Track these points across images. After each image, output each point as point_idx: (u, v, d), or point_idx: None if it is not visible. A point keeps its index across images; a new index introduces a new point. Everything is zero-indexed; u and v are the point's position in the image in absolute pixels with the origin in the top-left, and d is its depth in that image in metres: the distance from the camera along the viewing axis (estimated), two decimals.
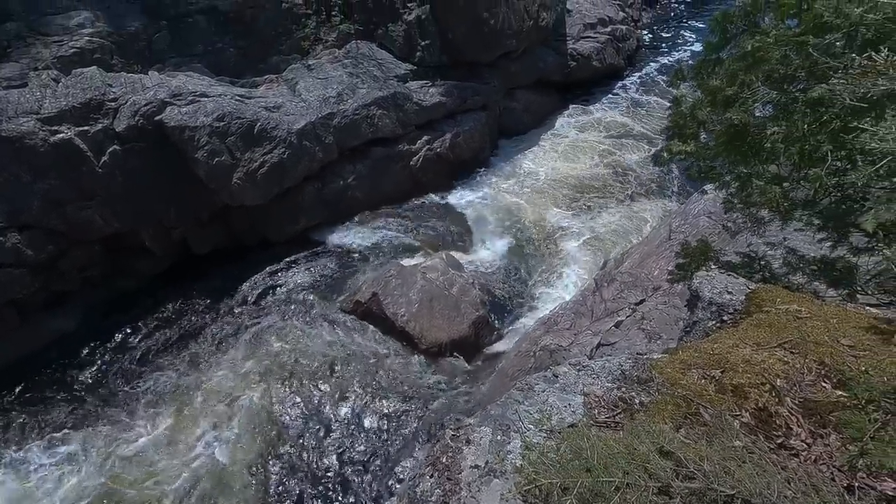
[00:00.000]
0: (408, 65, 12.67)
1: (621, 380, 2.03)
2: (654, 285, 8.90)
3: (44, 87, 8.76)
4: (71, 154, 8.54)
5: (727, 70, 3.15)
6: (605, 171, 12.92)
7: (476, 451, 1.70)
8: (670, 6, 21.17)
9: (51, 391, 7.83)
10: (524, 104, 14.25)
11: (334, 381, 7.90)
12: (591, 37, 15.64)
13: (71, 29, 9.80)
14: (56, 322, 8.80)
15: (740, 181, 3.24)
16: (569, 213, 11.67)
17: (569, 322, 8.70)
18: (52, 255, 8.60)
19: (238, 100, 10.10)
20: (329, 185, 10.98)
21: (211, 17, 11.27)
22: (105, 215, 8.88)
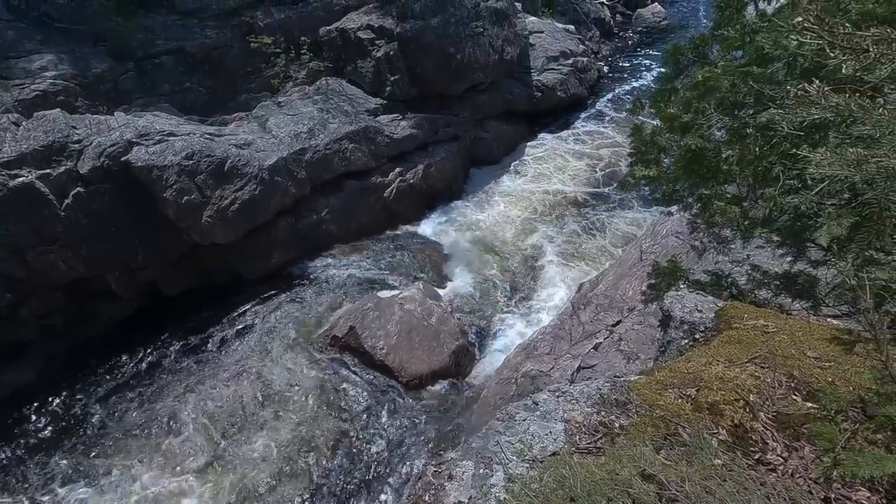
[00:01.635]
0: (378, 99, 12.89)
1: (601, 404, 2.04)
2: (629, 306, 9.05)
3: (3, 130, 8.54)
4: (32, 198, 8.28)
5: (682, 98, 3.33)
6: (576, 195, 13.26)
7: (459, 486, 1.66)
8: (627, 38, 22.32)
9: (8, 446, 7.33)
10: (494, 134, 14.61)
11: (311, 418, 7.66)
12: (554, 69, 16.29)
13: (33, 72, 9.65)
14: (13, 374, 8.33)
15: (702, 202, 3.38)
16: (542, 237, 11.86)
17: (548, 346, 8.72)
18: (10, 302, 8.22)
19: (207, 138, 10.05)
20: (303, 219, 10.91)
21: (178, 57, 11.30)
22: (68, 259, 8.57)
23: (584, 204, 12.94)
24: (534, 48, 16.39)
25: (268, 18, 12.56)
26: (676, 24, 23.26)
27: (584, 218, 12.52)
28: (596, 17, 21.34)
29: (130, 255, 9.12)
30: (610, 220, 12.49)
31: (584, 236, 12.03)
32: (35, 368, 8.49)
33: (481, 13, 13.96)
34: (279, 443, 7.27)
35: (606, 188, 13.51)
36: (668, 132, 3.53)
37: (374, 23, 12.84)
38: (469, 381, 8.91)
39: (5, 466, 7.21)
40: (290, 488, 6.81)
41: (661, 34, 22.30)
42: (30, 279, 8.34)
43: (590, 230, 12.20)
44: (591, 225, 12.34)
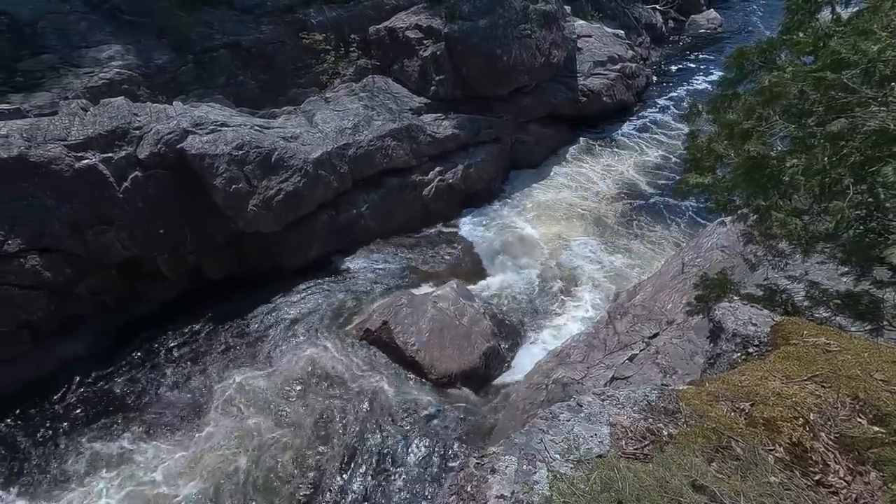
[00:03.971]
0: (422, 98, 13.00)
1: (648, 410, 1.99)
2: (667, 319, 8.78)
3: (72, 115, 9.08)
4: (94, 180, 8.77)
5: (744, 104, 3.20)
6: (616, 203, 12.98)
7: (501, 480, 1.66)
8: (678, 45, 21.70)
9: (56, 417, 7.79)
10: (536, 137, 14.48)
11: (340, 407, 7.79)
12: (601, 74, 16.00)
13: (101, 61, 10.23)
14: (68, 346, 8.82)
15: (759, 213, 3.24)
16: (580, 244, 11.66)
17: (581, 355, 8.57)
18: (70, 278, 8.71)
19: (257, 130, 10.39)
20: (343, 213, 11.11)
21: (234, 51, 11.73)
22: (123, 240, 9.02)
23: (625, 212, 12.65)
24: (581, 52, 16.15)
25: (320, 16, 12.88)
26: (732, 31, 22.45)
27: (623, 226, 12.24)
28: (647, 23, 20.85)
29: (180, 239, 9.52)
30: (651, 230, 12.17)
31: (623, 245, 11.76)
32: (86, 342, 8.97)
33: (530, 16, 13.88)
34: (306, 428, 7.43)
35: (649, 197, 13.17)
36: (727, 139, 3.41)
37: (422, 23, 12.96)
38: (497, 384, 8.87)
39: (51, 431, 7.66)
40: (314, 473, 6.95)
41: (715, 41, 21.56)
42: (88, 257, 8.83)
43: (629, 239, 11.92)
44: (631, 234, 12.06)
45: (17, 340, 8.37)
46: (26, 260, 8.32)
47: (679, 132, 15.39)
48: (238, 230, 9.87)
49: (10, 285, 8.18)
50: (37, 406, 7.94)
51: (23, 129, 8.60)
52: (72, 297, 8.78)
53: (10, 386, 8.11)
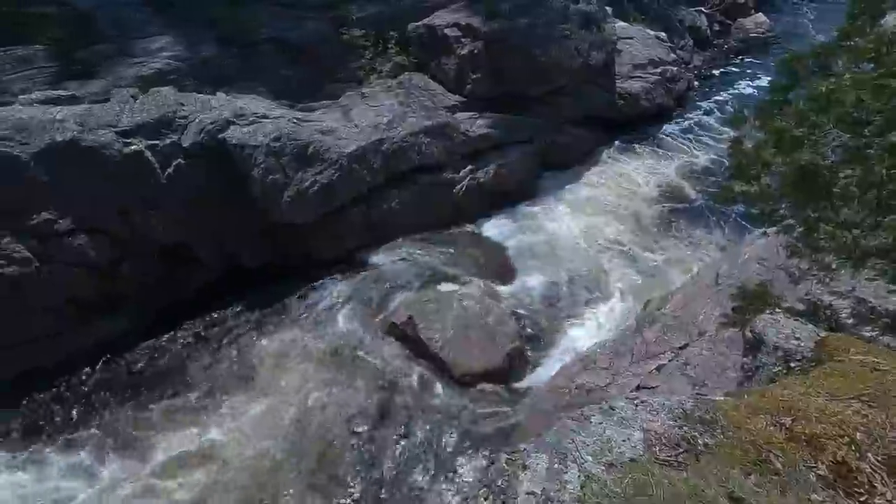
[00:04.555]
0: (458, 96, 13.02)
1: (682, 418, 1.96)
2: (699, 330, 8.56)
3: (123, 102, 9.49)
4: (140, 165, 9.13)
5: (796, 111, 3.09)
6: (650, 208, 12.71)
7: (532, 477, 1.67)
8: (723, 49, 21.04)
9: (97, 390, 8.18)
10: (570, 139, 14.30)
11: (363, 396, 7.91)
12: (640, 77, 15.69)
13: (152, 52, 10.65)
14: (110, 324, 9.21)
15: (807, 225, 3.13)
16: (611, 248, 11.48)
17: (607, 361, 8.44)
18: (114, 259, 9.10)
19: (295, 122, 10.62)
20: (374, 207, 11.25)
21: (277, 45, 12.02)
22: (165, 225, 9.37)
23: (660, 218, 12.37)
24: (621, 54, 15.86)
25: (361, 13, 13.05)
26: (781, 35, 21.62)
27: (656, 233, 11.98)
28: (691, 26, 20.30)
29: (218, 226, 9.82)
30: (684, 238, 11.87)
31: (655, 252, 11.51)
32: (127, 320, 9.35)
33: (570, 16, 13.72)
34: (328, 415, 7.58)
35: (686, 203, 12.84)
36: (775, 146, 3.31)
37: (461, 21, 12.97)
38: (520, 386, 8.82)
39: (89, 402, 8.04)
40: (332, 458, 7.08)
41: (763, 46, 20.82)
42: (132, 240, 9.21)
43: (662, 246, 11.66)
44: (664, 241, 11.79)
45: (63, 316, 8.80)
46: (75, 239, 8.74)
47: (720, 138, 14.96)
48: (273, 220, 10.11)
49: (60, 263, 8.60)
50: (80, 377, 8.36)
51: (77, 115, 9.04)
52: (115, 276, 9.16)
53: (56, 358, 8.55)
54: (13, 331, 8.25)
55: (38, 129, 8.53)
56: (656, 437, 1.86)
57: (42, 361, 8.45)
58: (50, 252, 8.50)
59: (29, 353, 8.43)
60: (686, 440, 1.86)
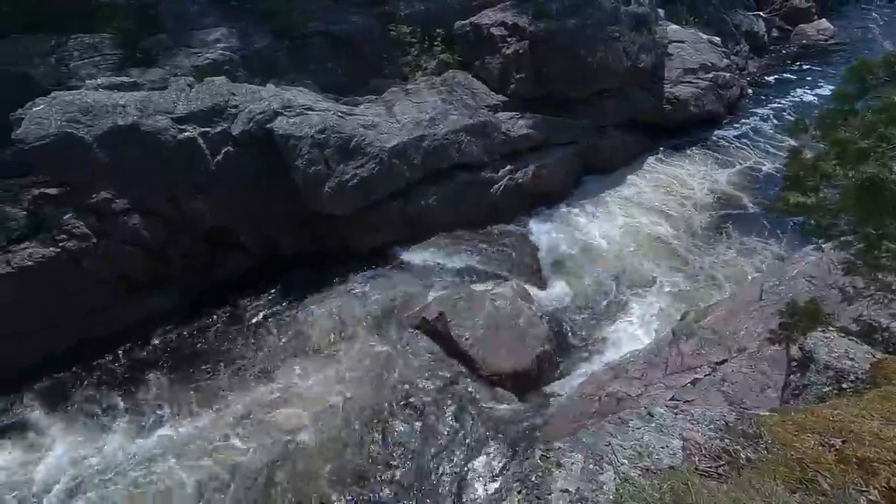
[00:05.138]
0: (500, 96, 12.97)
1: (724, 430, 1.91)
2: (738, 346, 8.26)
3: (179, 90, 9.93)
4: (192, 151, 9.54)
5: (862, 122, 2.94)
6: (693, 218, 12.31)
7: (567, 475, 1.67)
8: (781, 56, 20.11)
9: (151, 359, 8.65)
10: (613, 143, 14.02)
11: (390, 388, 8.02)
12: (690, 81, 15.20)
13: (208, 43, 11.10)
14: (156, 300, 9.69)
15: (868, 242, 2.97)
16: (649, 257, 11.19)
17: (640, 371, 8.26)
18: (163, 239, 9.55)
19: (339, 115, 10.84)
20: (411, 203, 11.36)
21: (326, 39, 12.30)
22: (212, 209, 9.75)
23: (701, 229, 11.97)
24: (671, 58, 15.41)
25: (409, 9, 13.19)
26: (846, 43, 20.47)
27: (697, 243, 11.59)
28: (747, 31, 19.50)
29: (261, 213, 10.16)
30: (727, 251, 11.45)
31: (696, 263, 11.15)
32: (172, 298, 9.81)
33: (620, 17, 13.43)
34: (353, 407, 7.72)
35: (731, 214, 12.37)
36: (837, 158, 3.15)
37: (508, 20, 12.91)
38: (547, 389, 8.73)
39: (132, 374, 8.48)
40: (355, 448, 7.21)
41: (825, 54, 19.77)
42: (181, 222, 9.64)
43: (702, 257, 11.28)
44: (705, 252, 11.40)
45: (115, 290, 9.31)
46: (129, 219, 9.22)
47: (774, 146, 14.35)
48: (313, 210, 10.36)
49: (114, 240, 9.10)
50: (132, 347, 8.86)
51: (137, 101, 9.52)
52: (164, 256, 9.62)
53: (107, 330, 9.05)
54: (71, 302, 8.80)
55: (102, 113, 9.04)
56: (696, 446, 1.82)
57: (95, 332, 8.97)
58: (106, 230, 9.00)
59: (83, 325, 8.96)
60: (727, 453, 1.81)
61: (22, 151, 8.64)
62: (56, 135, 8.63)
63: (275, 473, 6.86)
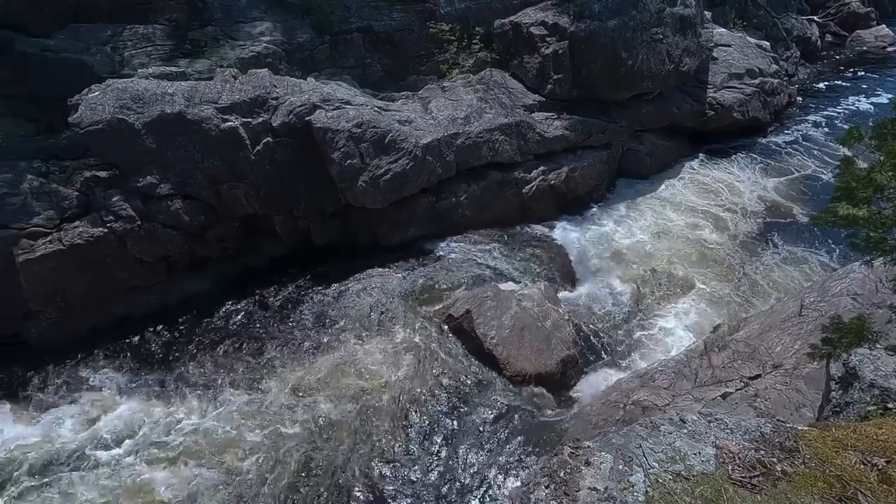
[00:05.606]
0: (536, 96, 12.88)
1: (760, 441, 1.87)
2: (773, 362, 8.02)
3: (224, 81, 10.25)
4: (233, 140, 9.84)
5: None
6: (730, 228, 11.96)
7: (595, 474, 1.67)
8: (834, 63, 19.26)
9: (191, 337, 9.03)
10: (650, 147, 13.74)
11: (414, 384, 8.10)
12: (735, 87, 14.73)
13: (253, 36, 11.41)
14: (193, 283, 10.06)
15: None
16: (681, 264, 10.93)
17: (668, 381, 8.10)
18: (202, 224, 9.89)
19: (376, 111, 10.98)
20: (442, 199, 11.42)
21: (366, 35, 12.46)
22: (249, 197, 10.05)
23: (744, 236, 11.61)
24: (716, 62, 14.98)
25: (449, 7, 13.22)
26: None
27: (733, 255, 11.26)
28: (799, 36, 18.75)
29: (295, 203, 10.40)
30: (765, 264, 11.07)
31: (731, 275, 10.83)
32: (209, 281, 10.18)
33: (664, 19, 13.13)
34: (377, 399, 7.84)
35: (772, 226, 11.96)
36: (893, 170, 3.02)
37: (549, 19, 12.80)
38: (571, 394, 8.67)
39: (178, 350, 8.84)
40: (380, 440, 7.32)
41: (883, 61, 18.84)
42: (220, 208, 9.97)
43: (738, 269, 10.95)
44: (741, 264, 11.06)
45: (156, 271, 9.71)
46: (171, 203, 9.59)
47: (826, 157, 13.77)
48: (346, 202, 10.55)
49: (157, 223, 9.48)
50: (171, 326, 9.24)
51: (185, 90, 9.88)
52: (202, 241, 9.97)
53: (146, 308, 9.46)
54: (115, 280, 9.23)
55: (151, 101, 9.43)
56: (730, 455, 1.79)
57: (135, 310, 9.39)
58: (151, 213, 9.39)
59: (126, 302, 9.40)
60: (762, 464, 1.78)
61: (77, 135, 9.10)
62: (109, 120, 9.05)
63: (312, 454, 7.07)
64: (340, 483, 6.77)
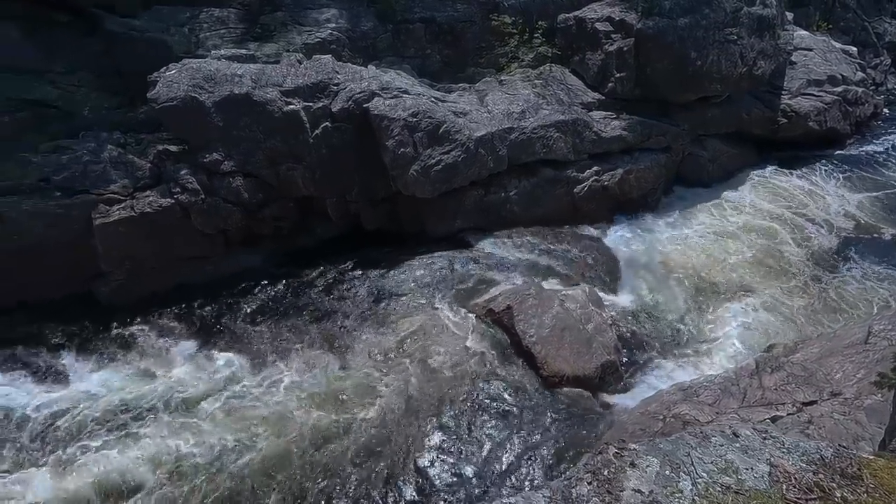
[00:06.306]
0: (596, 94, 12.56)
1: (819, 465, 1.79)
2: (832, 389, 7.56)
3: (290, 66, 10.60)
4: (294, 123, 10.18)
5: None
6: (794, 247, 11.28)
7: (640, 476, 1.65)
8: None
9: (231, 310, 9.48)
10: (713, 153, 13.13)
11: (450, 373, 8.19)
12: (813, 94, 13.80)
13: (320, 22, 11.73)
14: (247, 257, 10.53)
15: None
16: (737, 279, 10.44)
17: (713, 398, 7.80)
18: (260, 202, 10.32)
19: (432, 101, 11.06)
20: (491, 194, 11.38)
21: (428, 26, 12.53)
22: (305, 179, 10.39)
23: (812, 252, 10.93)
24: (794, 67, 14.09)
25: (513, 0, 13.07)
26: None
27: (797, 273, 10.62)
28: (893, 41, 17.27)
29: (348, 187, 10.67)
30: (831, 286, 10.39)
31: (792, 294, 10.24)
32: (261, 257, 10.63)
33: (740, 19, 12.45)
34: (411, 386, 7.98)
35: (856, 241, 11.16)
36: None
37: (615, 15, 12.42)
38: (608, 401, 8.49)
39: (222, 320, 9.31)
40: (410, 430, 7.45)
41: None
42: (277, 187, 10.37)
43: (801, 290, 10.33)
44: (804, 284, 10.42)
45: (214, 243, 10.23)
46: (233, 180, 10.05)
47: None
48: (396, 190, 10.71)
49: (219, 198, 9.98)
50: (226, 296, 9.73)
51: (253, 73, 10.29)
52: (258, 218, 10.40)
53: (203, 277, 10.01)
54: (177, 249, 9.81)
55: (222, 81, 9.89)
56: (785, 474, 1.72)
57: (193, 279, 9.94)
58: (214, 187, 9.89)
59: (184, 270, 9.97)
60: (820, 488, 1.70)
61: (153, 110, 9.69)
62: (182, 98, 9.58)
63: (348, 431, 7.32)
64: (388, 470, 6.93)
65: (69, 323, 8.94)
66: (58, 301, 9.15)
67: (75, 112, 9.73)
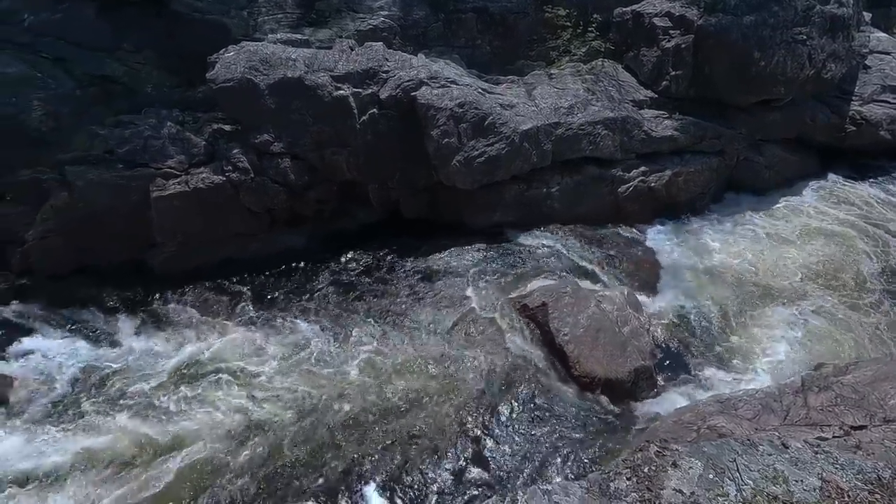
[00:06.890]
0: (649, 92, 12.16)
1: (876, 484, 1.70)
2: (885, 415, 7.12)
3: (342, 51, 10.77)
4: (343, 108, 10.36)
5: None
6: (854, 265, 10.60)
7: (682, 477, 1.62)
8: None
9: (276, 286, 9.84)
10: (770, 160, 12.49)
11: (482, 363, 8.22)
12: (887, 101, 12.89)
13: (373, 9, 11.84)
14: (290, 237, 10.85)
15: None
16: (788, 294, 9.94)
17: (752, 412, 7.49)
18: (305, 184, 10.58)
19: (479, 92, 10.99)
20: (532, 188, 11.25)
21: (480, 16, 12.42)
22: (350, 164, 10.57)
23: (862, 279, 10.27)
24: (867, 71, 13.18)
25: None
26: None
27: (856, 288, 10.02)
28: None
29: (390, 174, 10.79)
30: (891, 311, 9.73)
31: (848, 312, 9.67)
32: (304, 238, 10.92)
33: (812, 18, 11.74)
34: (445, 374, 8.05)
35: None
36: None
37: (675, 11, 11.95)
38: (639, 407, 8.31)
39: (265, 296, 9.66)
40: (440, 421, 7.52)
41: None
42: (322, 170, 10.60)
43: (857, 308, 9.74)
44: (861, 301, 9.82)
45: (260, 221, 10.59)
46: (282, 161, 10.35)
47: None
48: (437, 180, 10.75)
49: (267, 178, 10.30)
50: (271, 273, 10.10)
51: (305, 57, 10.53)
52: (303, 199, 10.68)
53: (248, 254, 10.40)
54: (225, 225, 10.22)
55: (276, 64, 10.17)
56: (838, 491, 1.65)
57: (239, 255, 10.34)
58: (262, 168, 10.22)
59: (231, 246, 10.38)
60: None
61: (210, 90, 10.08)
62: (239, 79, 9.91)
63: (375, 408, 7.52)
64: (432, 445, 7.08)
65: (123, 289, 9.50)
66: (112, 268, 9.73)
67: (139, 89, 10.24)
